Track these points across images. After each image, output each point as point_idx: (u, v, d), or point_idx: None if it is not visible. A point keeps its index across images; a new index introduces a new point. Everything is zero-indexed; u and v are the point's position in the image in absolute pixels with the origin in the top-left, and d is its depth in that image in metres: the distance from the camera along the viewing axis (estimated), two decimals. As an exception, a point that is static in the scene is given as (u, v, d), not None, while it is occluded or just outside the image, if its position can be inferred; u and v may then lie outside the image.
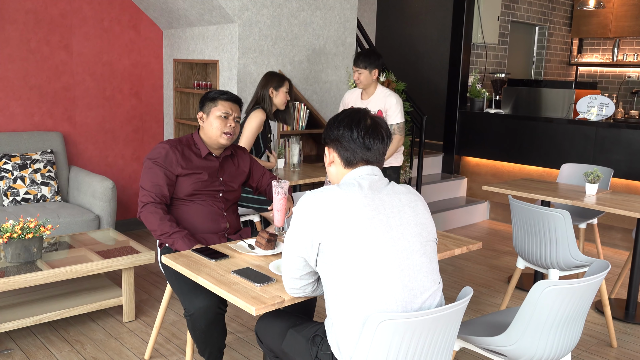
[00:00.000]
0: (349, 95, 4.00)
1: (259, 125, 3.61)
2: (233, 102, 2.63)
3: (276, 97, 3.67)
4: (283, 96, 3.69)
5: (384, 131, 1.75)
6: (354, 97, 3.96)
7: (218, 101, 2.60)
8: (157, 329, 2.81)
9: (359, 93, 3.94)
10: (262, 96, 3.68)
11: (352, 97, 3.97)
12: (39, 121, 4.44)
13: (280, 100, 3.68)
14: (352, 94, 3.99)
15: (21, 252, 2.91)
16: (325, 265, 1.62)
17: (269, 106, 3.67)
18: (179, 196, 2.58)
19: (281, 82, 3.69)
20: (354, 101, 3.94)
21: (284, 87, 3.69)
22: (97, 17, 4.61)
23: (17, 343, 2.95)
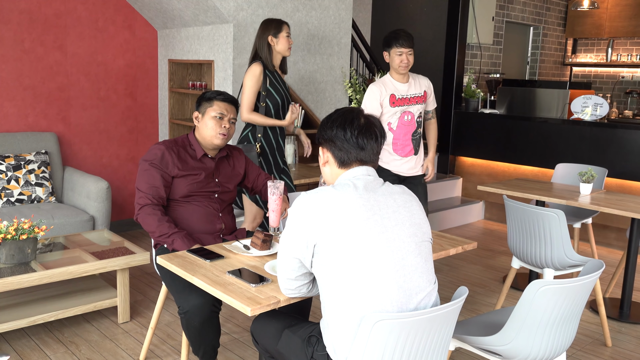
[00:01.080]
0: (380, 87, 3.49)
1: (256, 81, 3.33)
2: (229, 103, 2.63)
3: (278, 44, 3.38)
4: (285, 41, 3.39)
5: (377, 130, 1.75)
6: (392, 86, 3.51)
7: (214, 101, 2.60)
8: (152, 330, 2.80)
9: (392, 81, 3.53)
10: (260, 47, 3.39)
11: (387, 87, 3.50)
12: (33, 122, 4.42)
13: (282, 46, 3.39)
14: (387, 85, 3.51)
15: (15, 253, 2.89)
16: (321, 266, 1.62)
17: (268, 57, 3.39)
18: (175, 197, 2.58)
19: (279, 26, 3.39)
20: (393, 89, 3.50)
21: (283, 31, 3.39)
22: (92, 17, 4.60)
23: (11, 345, 2.94)
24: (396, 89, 3.52)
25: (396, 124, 3.53)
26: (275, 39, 3.38)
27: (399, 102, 3.50)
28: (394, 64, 3.47)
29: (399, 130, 3.54)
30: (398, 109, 3.50)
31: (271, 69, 3.42)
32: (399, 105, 3.50)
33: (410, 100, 3.54)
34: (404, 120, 3.52)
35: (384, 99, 3.48)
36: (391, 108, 3.48)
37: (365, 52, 6.03)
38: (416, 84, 3.59)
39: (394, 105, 3.49)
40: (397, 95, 3.50)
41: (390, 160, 3.57)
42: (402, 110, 3.51)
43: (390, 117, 3.51)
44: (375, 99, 3.48)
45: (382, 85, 3.52)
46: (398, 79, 3.54)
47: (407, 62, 3.45)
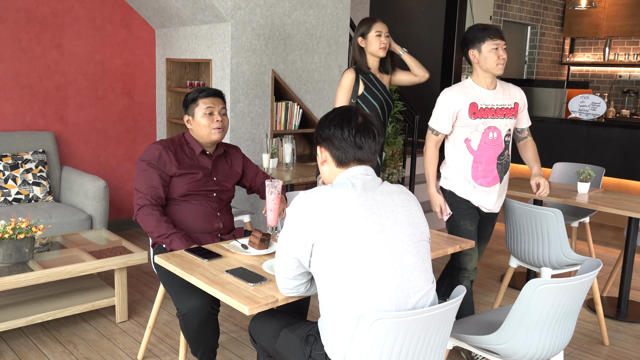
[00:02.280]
0: (457, 93, 2.80)
1: (346, 90, 3.11)
2: (213, 96, 2.62)
3: (368, 45, 3.12)
4: (375, 41, 3.10)
5: (375, 129, 1.75)
6: (473, 92, 2.80)
7: (199, 100, 2.60)
8: (150, 329, 2.80)
9: (474, 85, 2.83)
10: (353, 50, 3.19)
11: (468, 93, 2.80)
12: (30, 121, 4.42)
13: (374, 47, 3.11)
14: (467, 90, 2.82)
15: (13, 252, 2.89)
16: (319, 266, 1.62)
17: (361, 60, 3.15)
18: (173, 197, 2.57)
19: (368, 25, 3.12)
20: (475, 97, 2.80)
21: (372, 30, 3.11)
22: (89, 16, 4.59)
23: (9, 344, 2.94)
24: (479, 96, 2.79)
25: (478, 143, 2.80)
26: (364, 39, 3.13)
27: (482, 114, 2.78)
28: (489, 62, 2.76)
29: (481, 151, 2.81)
30: (480, 123, 2.78)
31: (366, 71, 3.16)
32: (481, 117, 2.78)
33: (496, 112, 2.80)
34: (488, 139, 2.80)
35: (462, 108, 2.77)
36: (471, 120, 2.77)
37: (363, 51, 6.00)
38: (505, 93, 2.86)
39: (474, 116, 2.77)
40: (480, 104, 2.78)
41: (471, 191, 2.88)
42: (486, 124, 2.79)
43: (469, 133, 2.80)
44: (450, 108, 2.78)
45: (460, 90, 2.81)
46: (484, 83, 2.82)
47: (505, 59, 2.77)
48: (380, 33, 3.12)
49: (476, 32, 2.80)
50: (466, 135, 2.81)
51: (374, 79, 3.18)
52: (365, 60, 3.16)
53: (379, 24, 3.13)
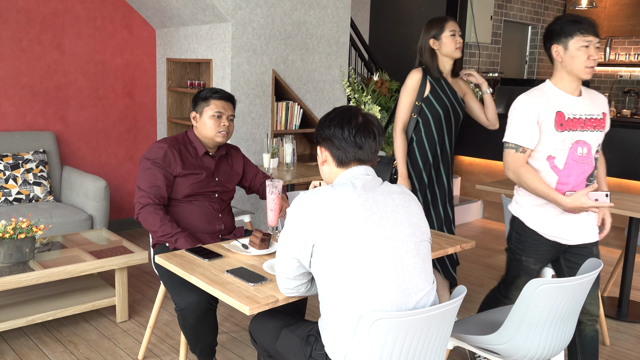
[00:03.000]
0: (539, 100, 2.29)
1: (411, 91, 2.90)
2: (226, 100, 2.62)
3: (442, 46, 2.88)
4: (450, 42, 2.86)
5: (375, 129, 1.75)
6: (558, 99, 2.30)
7: (210, 100, 2.59)
8: (150, 329, 2.80)
9: (557, 91, 2.32)
10: (422, 51, 2.95)
11: (551, 101, 2.29)
12: (31, 121, 4.42)
13: (449, 48, 2.87)
14: (549, 97, 2.31)
15: (13, 252, 2.89)
16: (319, 266, 1.62)
17: (431, 62, 2.91)
18: (176, 197, 2.57)
19: (441, 25, 2.87)
20: (561, 104, 2.29)
21: (446, 30, 2.86)
22: (90, 16, 4.59)
23: (9, 344, 2.94)
24: (565, 104, 2.30)
25: (564, 161, 2.30)
26: (437, 41, 2.88)
27: (570, 125, 2.29)
28: (576, 63, 2.25)
29: (568, 170, 2.31)
30: (567, 136, 2.28)
31: (436, 75, 2.91)
32: (569, 130, 2.28)
33: (585, 123, 2.31)
34: (576, 155, 2.30)
35: (546, 118, 2.27)
36: (557, 134, 2.28)
37: (364, 51, 6.03)
38: (593, 101, 2.38)
39: (561, 128, 2.28)
40: (567, 113, 2.29)
41: (548, 218, 2.36)
42: (574, 138, 2.29)
43: (553, 149, 2.30)
44: (531, 117, 2.27)
45: (541, 96, 2.30)
46: (568, 88, 2.32)
47: (596, 60, 2.27)
48: (454, 32, 2.86)
49: (564, 24, 2.28)
50: (549, 151, 2.30)
51: (444, 83, 2.93)
52: (437, 64, 2.90)
53: (451, 23, 2.88)
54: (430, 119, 2.91)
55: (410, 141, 2.94)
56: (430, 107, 2.90)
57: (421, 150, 2.94)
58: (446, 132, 2.96)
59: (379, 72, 5.36)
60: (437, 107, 2.90)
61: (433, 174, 2.97)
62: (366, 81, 5.31)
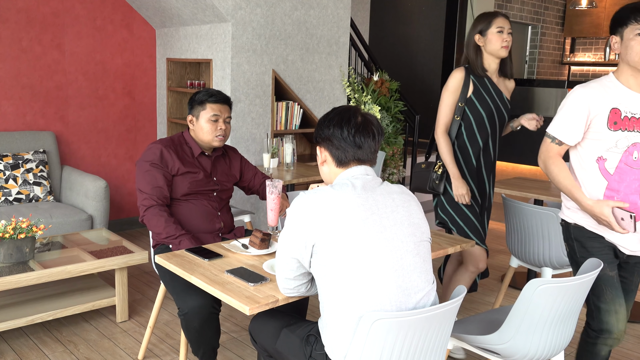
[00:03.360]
0: (595, 92, 2.08)
1: (453, 91, 2.75)
2: (222, 103, 2.61)
3: (487, 43, 2.72)
4: (496, 39, 2.70)
5: (374, 128, 1.75)
6: (617, 94, 2.09)
7: (207, 104, 2.58)
8: (150, 329, 2.80)
9: (618, 85, 2.10)
10: (467, 47, 2.81)
11: (609, 94, 2.08)
12: (31, 121, 4.42)
13: (493, 46, 2.71)
14: (608, 90, 2.10)
15: (13, 252, 2.89)
16: (319, 266, 1.62)
17: (475, 60, 2.76)
18: (175, 196, 2.57)
19: (489, 21, 2.71)
20: (619, 100, 2.08)
21: (493, 26, 2.70)
22: (90, 16, 4.59)
23: (9, 344, 2.94)
24: (623, 100, 2.09)
25: (615, 164, 2.08)
26: (483, 37, 2.73)
27: (626, 124, 2.07)
28: (632, 54, 2.05)
29: (619, 175, 2.08)
30: (622, 137, 2.07)
31: (480, 73, 2.75)
32: (624, 130, 2.07)
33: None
34: (630, 160, 2.08)
35: (599, 113, 2.08)
36: (609, 132, 2.07)
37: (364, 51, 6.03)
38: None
39: (615, 127, 2.07)
40: (624, 110, 2.07)
41: None
42: (630, 140, 2.07)
43: (604, 150, 2.09)
44: (583, 111, 2.08)
45: (599, 89, 2.10)
46: (631, 83, 2.10)
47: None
48: (502, 29, 2.69)
49: (622, 11, 2.09)
50: (600, 152, 2.09)
51: (488, 82, 2.77)
52: (481, 61, 2.75)
53: (501, 19, 2.71)
54: (473, 122, 2.76)
55: (452, 144, 2.81)
56: (472, 109, 2.75)
57: (464, 154, 2.81)
58: (490, 136, 2.80)
59: (379, 72, 5.36)
60: (480, 109, 2.75)
61: (475, 180, 2.85)
62: (366, 81, 5.31)
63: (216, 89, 2.67)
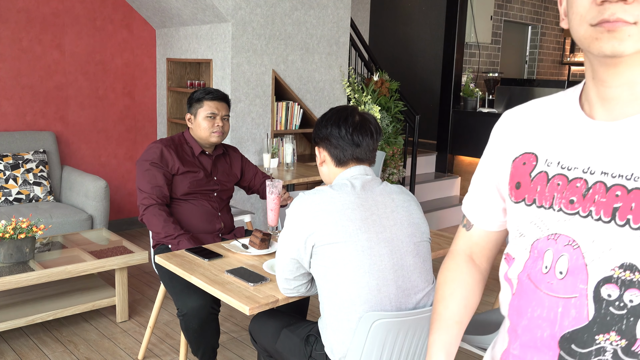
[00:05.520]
0: (516, 124, 1.05)
1: None
2: (219, 100, 2.61)
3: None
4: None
5: (372, 127, 1.76)
6: (559, 120, 0.97)
7: (204, 101, 2.59)
8: (150, 329, 2.80)
9: (570, 101, 0.97)
10: None
11: (538, 121, 1.00)
12: (31, 121, 4.42)
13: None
14: (545, 109, 1.03)
15: (13, 252, 2.89)
16: (319, 267, 1.62)
17: None
18: (175, 195, 2.57)
19: None
20: (554, 138, 0.96)
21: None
22: (90, 16, 4.59)
23: (9, 344, 2.94)
24: (565, 134, 1.02)
25: (516, 275, 0.97)
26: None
27: (551, 191, 0.98)
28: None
29: (519, 298, 0.94)
30: (535, 218, 0.98)
31: None
32: (532, 204, 1.00)
33: (589, 194, 0.95)
34: (538, 271, 0.93)
35: (503, 170, 1.04)
36: (513, 207, 1.03)
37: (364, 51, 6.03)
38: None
39: (518, 198, 1.02)
40: (548, 159, 1.00)
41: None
42: (546, 225, 0.95)
43: (511, 244, 1.03)
44: (485, 171, 1.10)
45: (528, 111, 1.05)
46: (594, 98, 0.95)
47: None
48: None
49: None
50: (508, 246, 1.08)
51: None
52: None
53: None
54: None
55: None
56: None
57: None
58: None
59: (379, 72, 5.36)
60: None
61: None
62: (366, 81, 5.31)
63: (214, 88, 2.68)
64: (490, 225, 1.09)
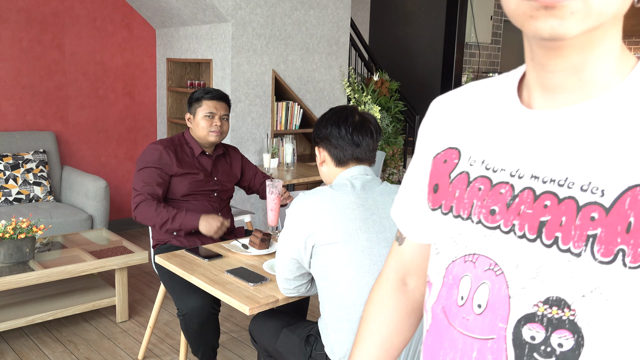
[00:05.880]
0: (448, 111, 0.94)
1: None
2: (218, 100, 2.61)
3: None
4: None
5: (372, 127, 1.76)
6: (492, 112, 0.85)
7: (202, 101, 2.59)
8: (150, 329, 2.80)
9: (501, 88, 0.84)
10: None
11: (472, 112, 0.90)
12: (31, 121, 4.42)
13: None
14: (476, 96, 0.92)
15: (13, 252, 2.89)
16: (319, 267, 1.62)
17: None
18: (175, 197, 2.57)
19: None
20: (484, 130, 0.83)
21: None
22: (90, 16, 4.59)
23: (9, 344, 2.94)
24: (496, 126, 0.87)
25: (430, 307, 0.84)
26: None
27: (467, 197, 0.82)
28: None
29: (433, 335, 0.79)
30: (454, 232, 0.83)
31: None
32: (457, 214, 0.81)
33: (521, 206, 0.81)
34: (453, 303, 0.76)
35: (424, 165, 0.91)
36: (431, 214, 0.87)
37: (364, 51, 6.03)
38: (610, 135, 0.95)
39: (435, 204, 0.86)
40: (472, 157, 0.85)
41: None
42: (468, 245, 0.76)
43: (430, 266, 0.85)
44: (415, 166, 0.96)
45: (457, 97, 0.90)
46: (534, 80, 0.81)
47: None
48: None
49: None
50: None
51: None
52: None
53: None
54: None
55: None
56: None
57: None
58: None
59: (379, 72, 5.36)
60: None
61: None
62: (366, 81, 5.32)
63: (214, 87, 2.68)
64: (423, 237, 0.86)
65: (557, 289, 0.61)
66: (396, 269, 0.91)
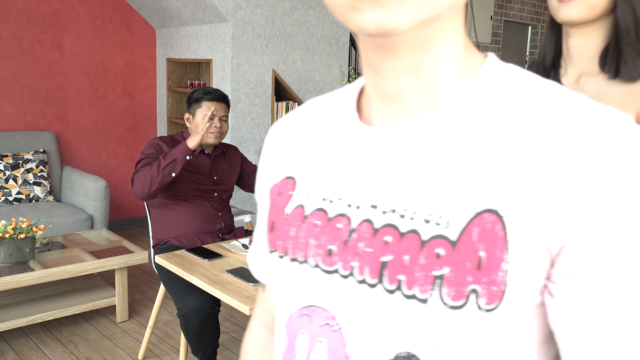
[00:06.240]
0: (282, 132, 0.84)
1: None
2: (217, 101, 2.61)
3: None
4: None
5: None
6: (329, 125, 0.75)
7: (202, 102, 2.59)
8: (150, 329, 2.80)
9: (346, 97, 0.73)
10: None
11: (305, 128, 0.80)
12: (31, 121, 4.42)
13: None
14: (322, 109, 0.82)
15: (13, 252, 2.89)
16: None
17: None
18: (175, 197, 2.57)
19: None
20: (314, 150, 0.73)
21: None
22: (90, 16, 4.59)
23: (9, 344, 2.94)
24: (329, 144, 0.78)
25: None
26: None
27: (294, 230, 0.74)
28: None
29: None
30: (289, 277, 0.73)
31: None
32: (284, 253, 0.73)
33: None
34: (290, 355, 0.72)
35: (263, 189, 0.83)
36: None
37: (364, 51, 6.03)
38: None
39: (273, 233, 0.76)
40: (302, 182, 0.75)
41: None
42: (301, 288, 0.68)
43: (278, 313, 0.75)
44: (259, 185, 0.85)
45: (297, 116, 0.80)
46: (373, 90, 0.70)
47: None
48: None
49: None
50: None
51: None
52: None
53: None
54: None
55: None
56: None
57: None
58: None
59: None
60: None
61: None
62: (366, 81, 5.31)
63: (214, 88, 2.67)
64: None
65: (405, 344, 0.50)
66: (263, 320, 0.81)
